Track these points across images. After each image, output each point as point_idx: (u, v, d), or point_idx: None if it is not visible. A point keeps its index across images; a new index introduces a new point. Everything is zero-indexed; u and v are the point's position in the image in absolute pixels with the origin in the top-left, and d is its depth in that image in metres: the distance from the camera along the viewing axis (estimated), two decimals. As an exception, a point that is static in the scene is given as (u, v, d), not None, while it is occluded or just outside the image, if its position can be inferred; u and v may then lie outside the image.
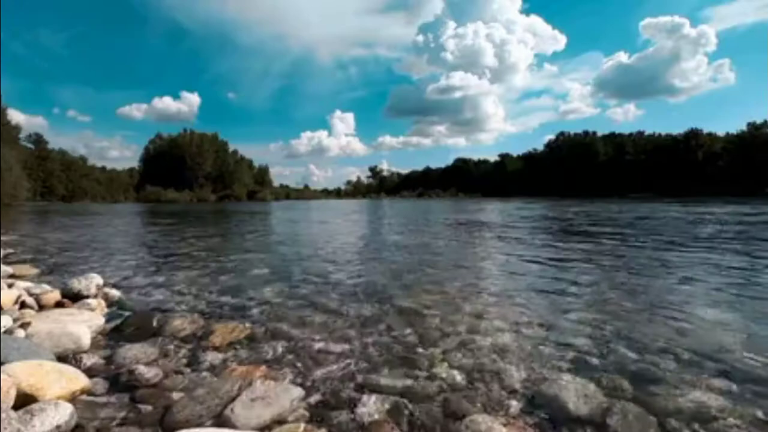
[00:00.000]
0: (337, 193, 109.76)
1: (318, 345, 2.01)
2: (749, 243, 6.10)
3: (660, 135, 73.63)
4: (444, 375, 1.67)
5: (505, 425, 1.30)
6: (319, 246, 6.56)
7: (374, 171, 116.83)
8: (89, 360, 1.78)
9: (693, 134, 67.05)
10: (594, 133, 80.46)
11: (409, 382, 1.62)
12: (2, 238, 6.89)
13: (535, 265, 4.37)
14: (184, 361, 1.83)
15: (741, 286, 3.23)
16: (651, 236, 7.16)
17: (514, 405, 1.44)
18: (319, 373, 1.70)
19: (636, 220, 10.89)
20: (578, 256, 4.84)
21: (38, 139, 59.42)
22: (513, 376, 1.66)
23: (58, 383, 1.44)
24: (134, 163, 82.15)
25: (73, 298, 2.70)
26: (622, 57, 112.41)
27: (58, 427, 1.21)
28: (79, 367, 1.67)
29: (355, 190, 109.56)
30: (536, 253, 5.28)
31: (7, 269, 3.56)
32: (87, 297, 2.72)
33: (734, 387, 1.56)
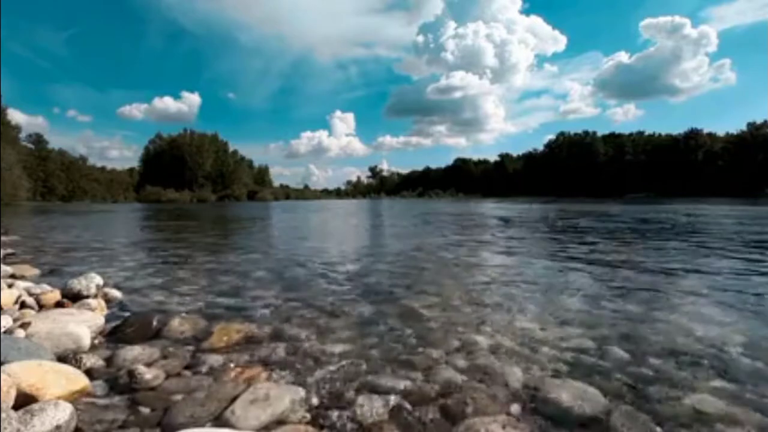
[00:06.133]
0: (337, 193, 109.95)
1: (318, 346, 2.01)
2: (750, 243, 6.10)
3: (660, 135, 73.66)
4: (444, 376, 1.67)
5: (504, 427, 1.30)
6: (319, 246, 6.57)
7: (374, 171, 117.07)
8: (89, 360, 1.77)
9: (693, 134, 67.08)
10: (594, 133, 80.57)
11: (409, 383, 1.61)
12: (2, 238, 6.88)
13: (535, 265, 4.37)
14: (184, 362, 1.83)
15: (742, 286, 3.23)
16: (650, 236, 7.16)
17: (514, 406, 1.44)
18: (319, 374, 1.69)
19: (635, 221, 10.89)
20: (578, 257, 4.84)
21: (38, 139, 59.53)
22: (513, 377, 1.66)
23: (58, 383, 1.44)
24: (134, 163, 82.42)
25: (73, 298, 2.69)
26: (623, 57, 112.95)
27: (58, 427, 1.21)
28: (79, 368, 1.67)
29: (355, 190, 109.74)
30: (536, 253, 5.28)
31: (7, 269, 3.56)
32: (87, 297, 2.71)
33: (735, 389, 1.56)
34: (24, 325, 1.97)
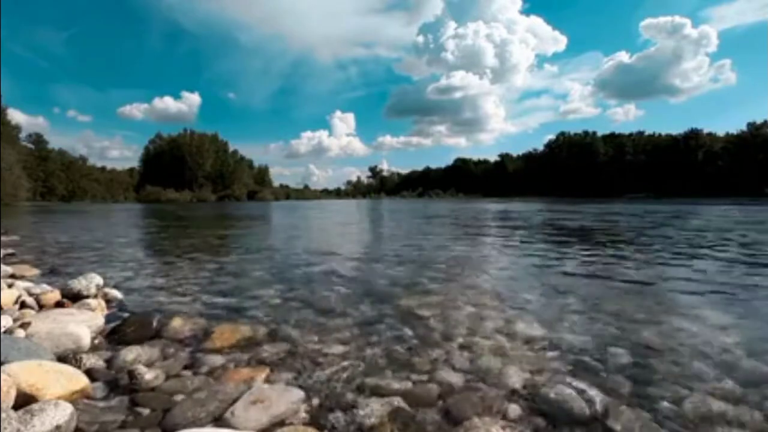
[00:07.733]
0: (337, 193, 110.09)
1: (318, 347, 2.01)
2: (750, 244, 6.09)
3: (660, 135, 73.65)
4: (444, 377, 1.67)
5: (504, 428, 1.30)
6: (319, 246, 6.56)
7: (374, 171, 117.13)
8: (89, 360, 1.77)
9: (693, 134, 67.08)
10: (594, 133, 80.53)
11: (409, 384, 1.61)
12: (2, 238, 6.88)
13: (535, 266, 4.36)
14: (184, 362, 1.83)
15: (743, 288, 3.22)
16: (650, 237, 7.15)
17: (514, 407, 1.44)
18: (319, 375, 1.69)
19: (635, 221, 10.89)
20: (578, 258, 4.84)
21: (38, 139, 59.66)
22: (513, 378, 1.66)
23: (58, 383, 1.44)
24: (134, 163, 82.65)
25: (73, 298, 2.69)
26: (623, 57, 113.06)
27: (58, 427, 1.21)
28: (78, 368, 1.66)
29: (355, 190, 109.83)
30: (536, 254, 5.28)
31: (7, 269, 3.56)
32: (87, 297, 2.71)
33: (736, 390, 1.56)
34: (24, 325, 1.97)
